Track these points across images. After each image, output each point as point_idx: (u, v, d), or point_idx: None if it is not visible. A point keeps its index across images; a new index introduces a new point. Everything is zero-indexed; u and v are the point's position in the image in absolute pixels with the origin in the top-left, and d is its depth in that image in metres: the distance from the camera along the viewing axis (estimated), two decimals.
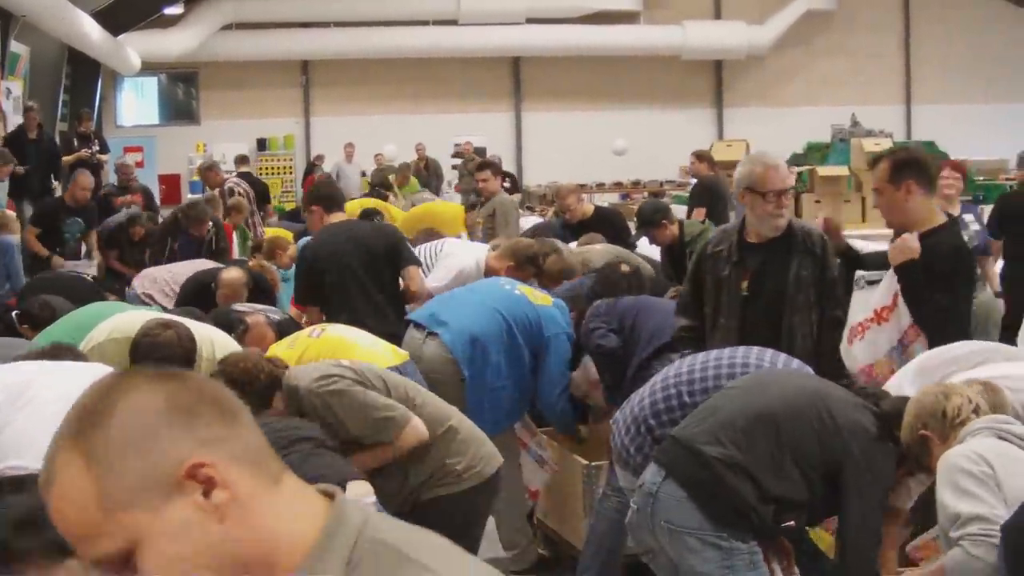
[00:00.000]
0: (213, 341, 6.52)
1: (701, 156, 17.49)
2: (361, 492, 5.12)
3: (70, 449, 1.96)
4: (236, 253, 14.73)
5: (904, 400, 5.43)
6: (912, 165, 6.91)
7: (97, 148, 21.69)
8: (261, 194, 18.94)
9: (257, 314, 8.10)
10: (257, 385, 5.75)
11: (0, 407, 5.16)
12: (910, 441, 5.18)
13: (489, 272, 9.53)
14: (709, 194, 16.18)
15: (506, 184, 20.61)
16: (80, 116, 22.74)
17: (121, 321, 6.92)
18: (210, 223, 13.91)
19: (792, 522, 5.35)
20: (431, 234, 12.01)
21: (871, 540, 5.26)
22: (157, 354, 5.87)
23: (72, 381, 5.23)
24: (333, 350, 6.85)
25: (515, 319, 7.93)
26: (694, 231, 11.09)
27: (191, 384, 2.04)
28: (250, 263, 11.39)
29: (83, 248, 15.53)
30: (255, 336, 7.56)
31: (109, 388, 2.02)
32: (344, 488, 5.04)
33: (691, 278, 7.14)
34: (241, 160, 24.46)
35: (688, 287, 7.14)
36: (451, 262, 9.79)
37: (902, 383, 6.32)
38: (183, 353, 6.02)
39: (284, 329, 8.01)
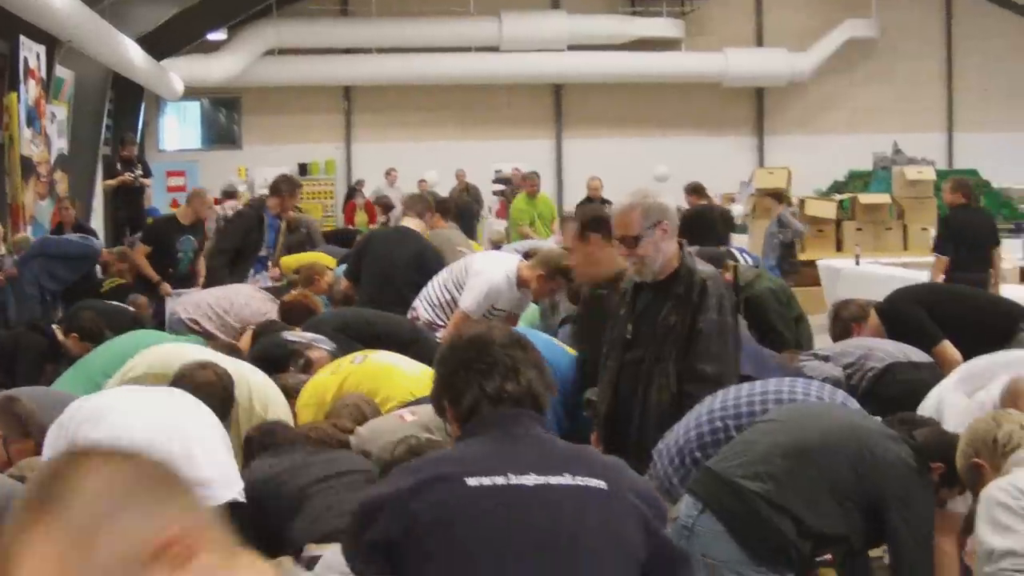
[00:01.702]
0: (250, 386, 6.48)
1: (691, 190, 18.28)
2: None
3: (40, 527, 1.91)
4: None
5: (937, 432, 5.43)
6: (596, 222, 7.61)
7: (140, 172, 21.81)
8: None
9: (317, 348, 8.07)
10: None
11: (81, 428, 5.10)
12: (963, 469, 5.18)
13: (521, 282, 9.52)
14: (691, 225, 16.68)
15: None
16: (123, 141, 22.87)
17: (160, 355, 6.90)
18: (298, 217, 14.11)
19: (829, 555, 5.32)
20: None
21: (928, 572, 5.24)
22: (199, 394, 5.80)
23: (152, 408, 5.19)
24: (375, 376, 6.87)
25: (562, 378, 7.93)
26: (748, 277, 11.01)
27: (146, 461, 2.02)
28: (293, 292, 11.38)
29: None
30: (318, 371, 7.56)
31: (69, 468, 1.98)
32: None
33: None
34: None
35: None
36: (480, 280, 9.67)
37: (942, 395, 6.38)
38: (221, 394, 5.98)
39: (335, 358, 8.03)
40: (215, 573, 1.96)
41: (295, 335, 8.69)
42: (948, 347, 8.31)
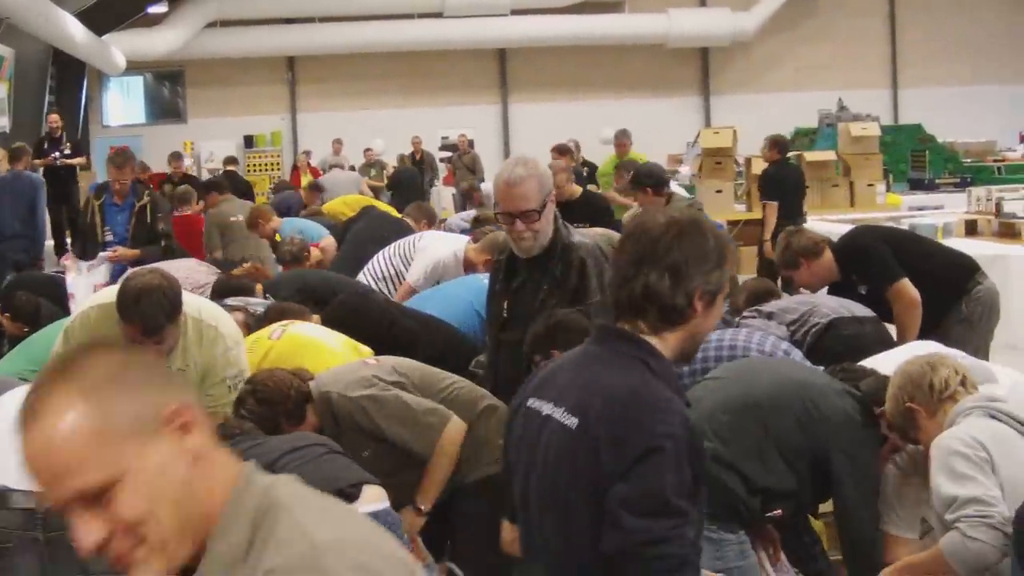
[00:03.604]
0: (199, 304, 6.42)
1: (562, 151, 18.82)
2: (374, 496, 5.08)
3: (62, 384, 2.09)
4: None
5: (883, 380, 5.41)
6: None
7: (68, 151, 20.42)
8: (243, 193, 18.79)
9: (236, 311, 7.99)
10: (290, 403, 5.72)
11: None
12: (895, 413, 5.13)
13: (467, 264, 9.43)
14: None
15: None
16: (48, 116, 21.67)
17: (104, 291, 6.87)
18: (141, 192, 12.80)
19: (779, 511, 5.33)
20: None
21: (871, 524, 5.26)
22: (146, 297, 5.76)
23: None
24: (296, 351, 6.69)
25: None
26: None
27: (143, 354, 2.29)
28: (245, 266, 11.30)
29: None
30: None
31: (79, 350, 2.19)
32: (359, 492, 5.05)
33: None
34: (229, 161, 24.56)
35: None
36: (427, 255, 9.65)
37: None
38: (171, 295, 5.92)
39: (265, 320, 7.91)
40: (207, 450, 2.17)
41: (234, 300, 8.60)
42: (907, 285, 8.24)
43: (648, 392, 3.32)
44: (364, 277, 9.89)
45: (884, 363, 5.84)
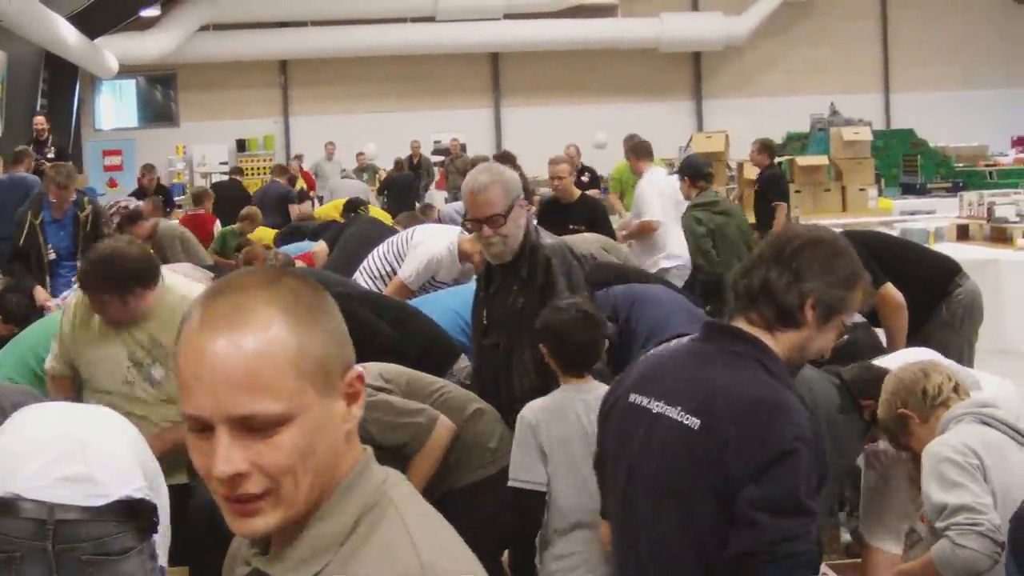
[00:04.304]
0: (189, 285, 6.39)
1: (503, 157, 18.96)
2: None
3: (268, 298, 1.96)
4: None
5: (865, 368, 5.46)
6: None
7: (52, 155, 19.91)
8: (242, 201, 18.78)
9: None
10: None
11: None
12: (887, 418, 5.16)
13: (462, 255, 9.46)
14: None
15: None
16: (33, 118, 20.67)
17: None
18: (82, 202, 12.50)
19: None
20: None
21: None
22: (120, 262, 5.81)
23: (62, 412, 5.06)
24: None
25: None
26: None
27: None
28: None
29: None
30: None
31: (290, 271, 2.12)
32: None
33: None
34: (235, 171, 24.85)
35: None
36: (420, 251, 9.60)
37: None
38: (147, 265, 5.91)
39: None
40: (355, 428, 2.06)
41: None
42: (891, 288, 8.21)
43: (774, 394, 3.45)
44: (360, 276, 9.87)
45: None
